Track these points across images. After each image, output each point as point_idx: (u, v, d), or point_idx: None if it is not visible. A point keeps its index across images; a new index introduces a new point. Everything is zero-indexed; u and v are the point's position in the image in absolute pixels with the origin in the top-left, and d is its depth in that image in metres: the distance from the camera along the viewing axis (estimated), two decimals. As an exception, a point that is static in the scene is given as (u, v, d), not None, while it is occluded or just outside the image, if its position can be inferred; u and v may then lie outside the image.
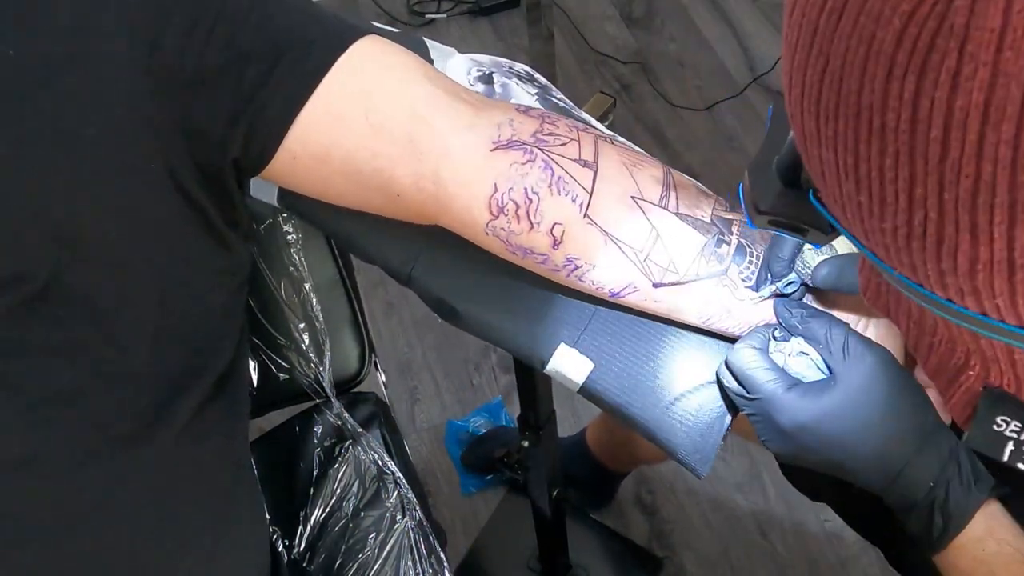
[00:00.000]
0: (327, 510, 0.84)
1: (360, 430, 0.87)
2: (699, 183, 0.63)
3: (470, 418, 1.54)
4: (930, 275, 0.26)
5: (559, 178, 0.54)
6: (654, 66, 2.10)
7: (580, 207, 0.54)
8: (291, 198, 0.66)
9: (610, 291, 0.57)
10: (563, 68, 2.10)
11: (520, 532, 1.34)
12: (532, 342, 0.62)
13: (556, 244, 0.55)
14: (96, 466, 0.57)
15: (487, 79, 0.69)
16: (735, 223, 0.57)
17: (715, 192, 0.62)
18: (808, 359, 0.55)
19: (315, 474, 0.86)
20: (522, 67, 0.73)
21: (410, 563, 0.80)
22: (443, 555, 0.82)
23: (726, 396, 0.60)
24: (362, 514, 0.83)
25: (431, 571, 0.80)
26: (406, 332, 1.67)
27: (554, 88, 0.72)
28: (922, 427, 0.53)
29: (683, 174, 0.61)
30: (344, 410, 0.88)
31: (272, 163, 0.54)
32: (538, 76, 0.72)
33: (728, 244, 0.56)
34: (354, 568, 0.80)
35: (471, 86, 0.69)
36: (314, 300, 0.87)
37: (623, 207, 0.55)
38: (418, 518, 0.83)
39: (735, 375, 0.56)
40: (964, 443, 0.34)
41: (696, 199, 0.57)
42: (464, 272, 0.62)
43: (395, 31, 0.73)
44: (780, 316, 0.56)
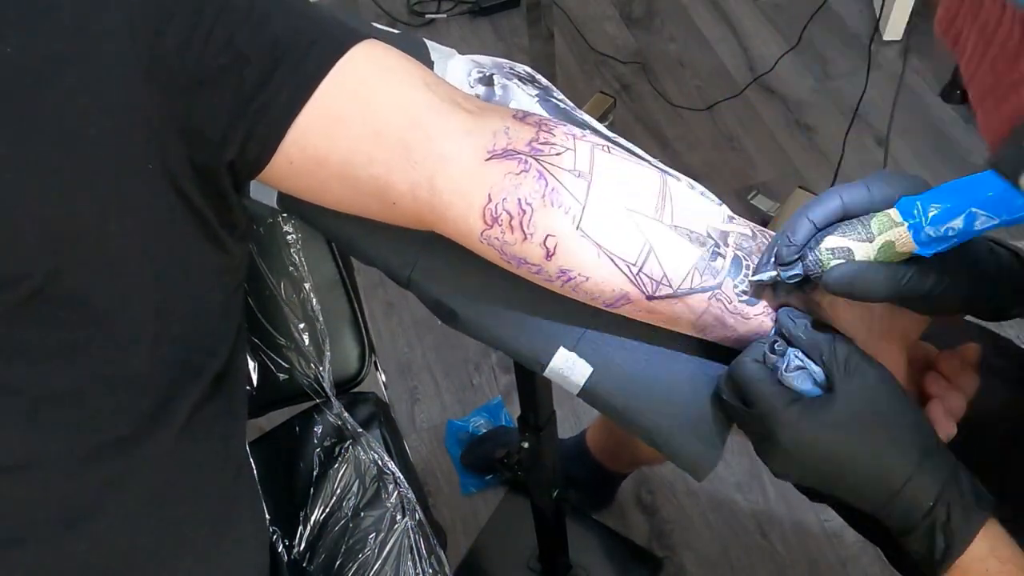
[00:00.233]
0: (327, 510, 0.84)
1: (360, 430, 0.87)
2: (701, 188, 0.62)
3: (470, 418, 1.54)
4: None
5: (553, 189, 0.53)
6: (654, 66, 2.10)
7: (573, 219, 0.54)
8: (290, 200, 0.66)
9: (604, 302, 0.57)
10: (563, 68, 2.10)
11: (520, 532, 1.34)
12: (531, 346, 0.62)
13: (549, 256, 0.54)
14: (95, 467, 0.57)
15: (487, 81, 0.69)
16: (731, 235, 0.57)
17: (716, 193, 0.62)
18: (806, 373, 0.54)
19: (315, 474, 0.86)
20: (523, 68, 0.73)
21: (410, 563, 0.80)
22: (443, 555, 0.82)
23: (722, 407, 0.59)
24: (362, 514, 0.83)
25: (431, 571, 0.80)
26: (406, 332, 1.67)
27: (555, 89, 0.72)
28: (922, 446, 0.52)
29: (680, 182, 0.60)
30: (344, 410, 0.88)
31: (270, 167, 0.54)
32: (539, 77, 0.72)
33: (723, 257, 0.56)
34: (354, 568, 0.80)
35: (471, 88, 0.69)
36: (314, 300, 0.87)
37: (617, 219, 0.54)
38: (418, 518, 0.83)
39: (737, 387, 0.56)
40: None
41: (693, 210, 0.57)
42: (463, 275, 0.62)
43: (395, 31, 0.73)
44: (784, 325, 0.56)
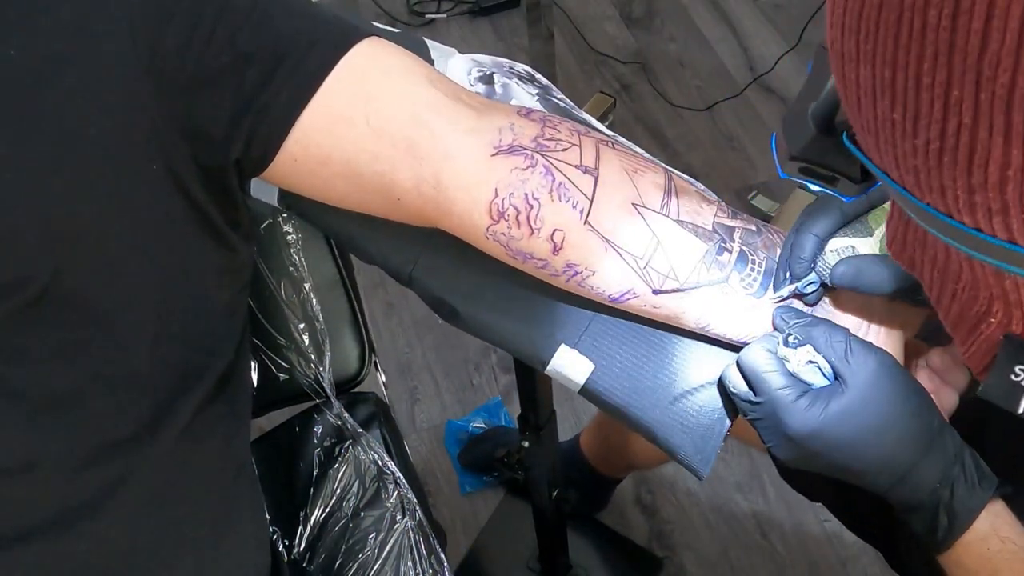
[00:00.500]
0: (327, 510, 0.84)
1: (360, 430, 0.87)
2: (701, 186, 0.62)
3: (469, 418, 1.54)
4: (959, 196, 0.26)
5: (560, 184, 0.54)
6: (654, 66, 2.10)
7: (580, 213, 0.54)
8: (291, 198, 0.66)
9: (609, 296, 0.57)
10: (563, 68, 2.10)
11: (520, 532, 1.34)
12: (533, 343, 0.62)
13: (556, 250, 0.55)
14: (96, 467, 0.57)
15: (488, 79, 0.69)
16: (737, 231, 0.57)
17: (716, 193, 0.62)
18: (815, 367, 0.55)
19: (315, 474, 0.86)
20: (523, 67, 0.73)
21: (410, 563, 0.80)
22: (443, 555, 0.82)
23: (726, 398, 0.59)
24: (362, 514, 0.83)
25: (431, 571, 0.80)
26: (406, 332, 1.67)
27: (555, 88, 0.72)
28: (928, 428, 0.53)
29: (685, 179, 0.60)
30: (344, 410, 0.88)
31: (273, 165, 0.54)
32: (539, 76, 0.72)
33: (729, 252, 0.56)
34: (354, 568, 0.80)
35: (472, 86, 0.69)
36: (314, 300, 0.87)
37: (624, 214, 0.54)
38: (418, 518, 0.83)
39: (746, 377, 0.56)
40: (980, 393, 0.34)
41: (698, 206, 0.57)
42: (465, 273, 0.62)
43: (395, 31, 0.73)
44: (778, 326, 0.56)
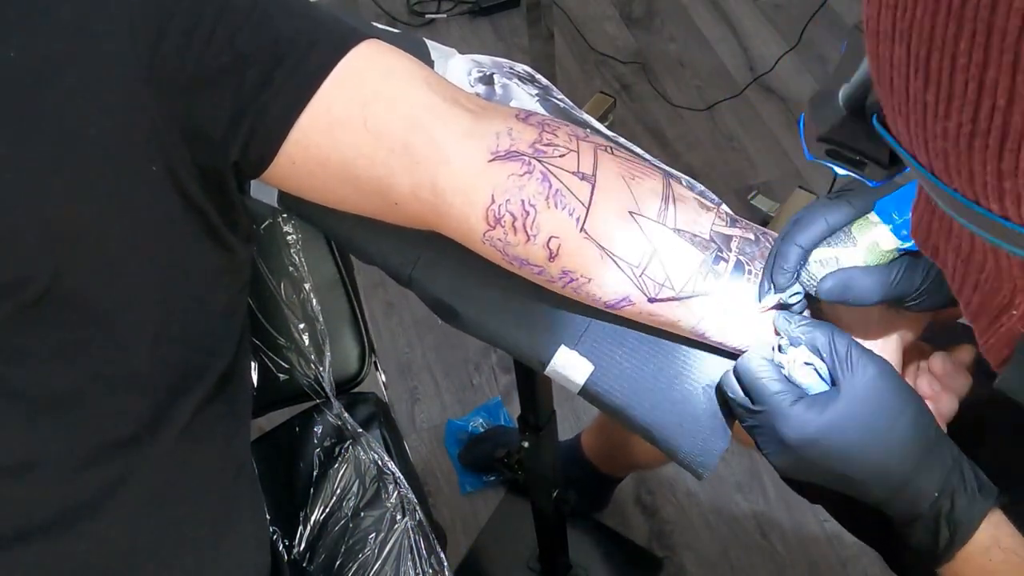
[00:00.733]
0: (327, 510, 0.84)
1: (360, 430, 0.87)
2: (701, 187, 0.62)
3: (469, 418, 1.54)
4: (988, 182, 0.26)
5: (556, 191, 0.53)
6: (654, 66, 2.10)
7: (577, 221, 0.54)
8: (291, 199, 0.66)
9: (605, 303, 0.57)
10: (563, 68, 2.10)
11: (520, 532, 1.34)
12: (532, 344, 0.62)
13: (552, 257, 0.54)
14: (96, 467, 0.57)
15: (488, 80, 0.69)
16: (734, 240, 0.57)
17: (716, 193, 0.62)
18: (811, 369, 0.54)
19: (315, 474, 0.86)
20: (523, 68, 0.73)
21: (410, 563, 0.80)
22: (443, 555, 0.82)
23: (725, 406, 0.59)
24: (362, 514, 0.83)
25: (431, 571, 0.80)
26: (406, 332, 1.67)
27: (555, 89, 0.72)
28: (925, 437, 0.53)
29: (685, 181, 0.60)
30: (344, 410, 0.88)
31: (272, 167, 0.54)
32: (539, 77, 0.72)
33: (726, 261, 0.56)
34: (354, 568, 0.80)
35: (471, 87, 0.69)
36: (314, 300, 0.87)
37: (620, 222, 0.54)
38: (418, 518, 0.83)
39: (743, 384, 0.56)
40: (996, 386, 0.34)
41: (695, 214, 0.56)
42: (464, 274, 0.62)
43: (395, 31, 0.73)
44: (781, 328, 0.56)
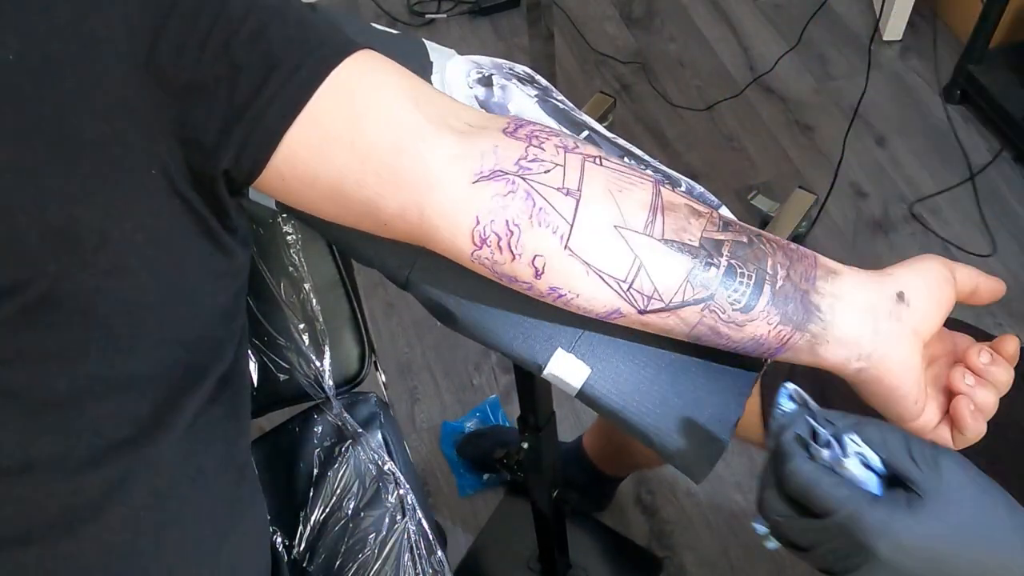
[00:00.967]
0: (327, 510, 0.84)
1: (360, 430, 0.87)
2: (701, 189, 0.62)
3: (465, 420, 1.54)
4: None
5: (540, 209, 0.53)
6: (654, 66, 2.10)
7: (561, 239, 0.54)
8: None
9: (596, 315, 0.57)
10: (563, 68, 2.10)
11: (520, 532, 1.34)
12: (529, 347, 0.62)
13: (538, 275, 0.55)
14: (96, 469, 0.57)
15: (486, 82, 0.70)
16: (726, 244, 0.56)
17: (716, 194, 0.62)
18: (860, 459, 0.48)
19: (315, 474, 0.86)
20: (523, 68, 0.73)
21: (410, 563, 0.80)
22: (443, 555, 0.82)
23: (786, 538, 0.51)
24: (362, 514, 0.83)
25: (431, 571, 0.80)
26: (406, 332, 1.67)
27: (554, 89, 0.72)
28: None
29: (677, 190, 0.60)
30: (344, 410, 0.88)
31: (262, 180, 0.54)
32: (539, 77, 0.72)
33: (716, 267, 0.55)
34: (354, 568, 0.80)
35: (470, 89, 0.69)
36: (314, 300, 0.87)
37: (605, 237, 0.54)
38: (418, 518, 0.83)
39: (799, 498, 0.48)
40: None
41: (685, 221, 0.56)
42: (461, 276, 0.62)
43: (395, 32, 0.73)
44: (822, 434, 0.49)
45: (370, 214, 0.56)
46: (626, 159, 0.68)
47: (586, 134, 0.69)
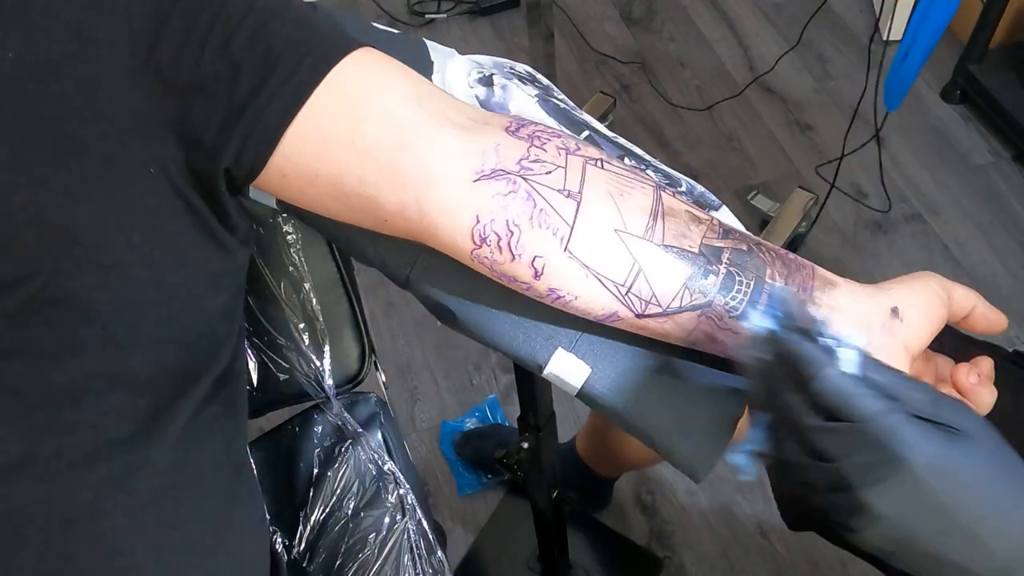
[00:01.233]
0: (327, 510, 0.84)
1: (360, 430, 0.87)
2: (701, 190, 0.62)
3: (464, 419, 1.54)
4: None
5: (541, 210, 0.53)
6: (654, 66, 2.10)
7: (561, 240, 0.54)
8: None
9: (594, 318, 0.57)
10: (563, 68, 2.10)
11: (520, 532, 1.34)
12: (529, 346, 0.62)
13: (538, 275, 0.55)
14: (94, 468, 0.57)
15: (487, 81, 0.70)
16: (726, 251, 0.56)
17: (716, 194, 0.62)
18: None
19: (315, 474, 0.86)
20: (523, 67, 0.73)
21: (410, 563, 0.80)
22: (443, 555, 0.82)
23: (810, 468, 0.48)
24: (362, 514, 0.83)
25: (431, 571, 0.80)
26: (406, 332, 1.67)
27: (555, 89, 0.72)
28: None
29: (678, 195, 0.60)
30: (344, 410, 0.88)
31: (262, 178, 0.54)
32: (540, 77, 0.72)
33: (715, 275, 0.55)
34: (354, 568, 0.80)
35: (471, 88, 0.69)
36: (314, 300, 0.87)
37: (605, 240, 0.54)
38: (418, 518, 0.83)
39: (834, 406, 0.47)
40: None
41: (685, 227, 0.56)
42: (461, 276, 0.62)
43: (395, 32, 0.73)
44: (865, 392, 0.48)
45: (370, 211, 0.55)
46: (627, 159, 0.68)
47: (587, 134, 0.69)
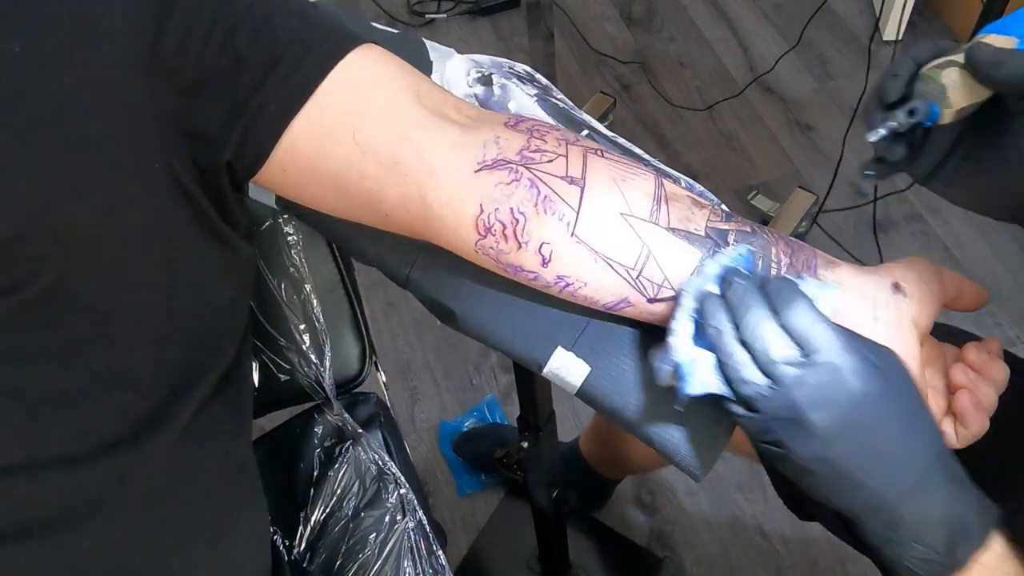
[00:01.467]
0: (327, 510, 0.84)
1: (360, 430, 0.88)
2: (700, 187, 0.62)
3: (463, 420, 1.54)
4: None
5: (545, 197, 0.53)
6: (654, 66, 2.10)
7: (568, 226, 0.53)
8: (289, 201, 0.66)
9: (604, 306, 0.57)
10: (563, 68, 2.10)
11: (520, 532, 1.34)
12: (529, 345, 0.62)
13: (545, 263, 0.54)
14: (97, 466, 0.57)
15: (486, 80, 0.70)
16: (731, 234, 0.56)
17: (716, 194, 0.62)
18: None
19: (315, 474, 0.86)
20: (522, 67, 0.73)
21: (410, 563, 0.80)
22: (443, 555, 0.82)
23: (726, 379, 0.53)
24: (362, 514, 0.83)
25: (431, 571, 0.80)
26: (406, 332, 1.67)
27: (554, 88, 0.72)
28: (940, 446, 0.50)
29: (681, 180, 0.60)
30: (344, 410, 0.88)
31: (263, 172, 0.54)
32: (539, 76, 0.72)
33: (724, 255, 0.55)
34: (354, 568, 0.80)
35: (470, 87, 0.69)
36: (314, 300, 0.87)
37: (612, 224, 0.54)
38: (418, 518, 0.83)
39: (795, 334, 0.49)
40: None
41: (689, 211, 0.56)
42: (462, 275, 0.62)
43: (394, 32, 0.73)
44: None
45: (372, 206, 0.55)
46: (626, 157, 0.68)
47: (586, 133, 0.69)
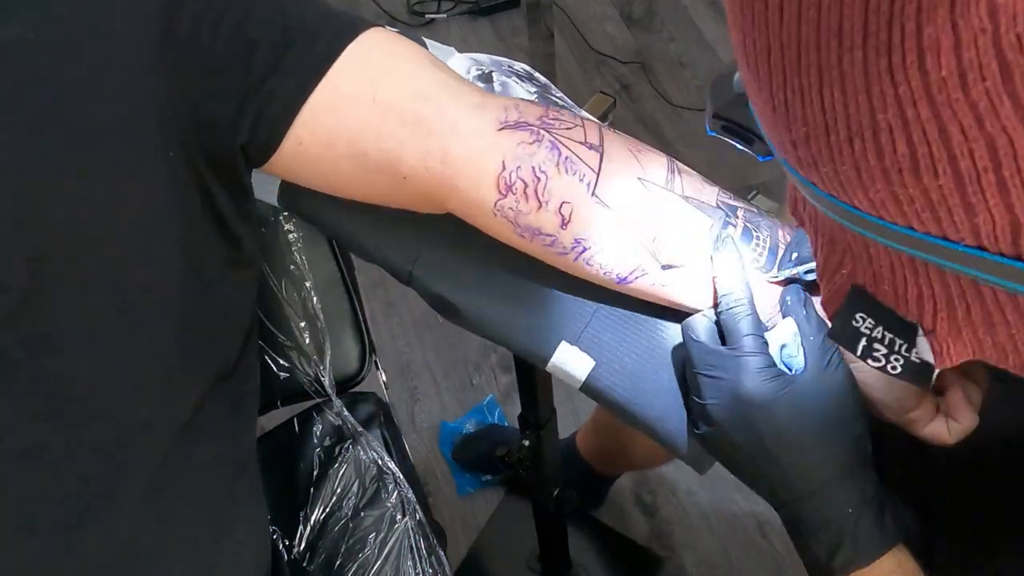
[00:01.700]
0: (327, 510, 0.84)
1: (360, 430, 0.87)
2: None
3: (463, 420, 1.54)
4: (824, 172, 0.27)
5: (566, 158, 0.54)
6: (654, 66, 2.10)
7: (588, 186, 0.54)
8: (291, 197, 0.66)
9: (617, 276, 0.57)
10: (563, 68, 2.10)
11: (520, 532, 1.34)
12: (533, 340, 0.62)
13: (564, 223, 0.55)
14: (98, 463, 0.56)
15: (486, 78, 0.70)
16: (740, 209, 0.58)
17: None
18: (784, 352, 0.54)
19: (315, 474, 0.86)
20: (521, 66, 0.73)
21: (410, 563, 0.80)
22: (443, 555, 0.82)
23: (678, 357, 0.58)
24: (362, 514, 0.83)
25: (431, 571, 0.80)
26: (406, 332, 1.67)
27: (553, 87, 0.72)
28: (862, 454, 0.53)
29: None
30: (344, 409, 0.88)
31: (279, 152, 0.55)
32: (538, 75, 0.72)
33: (735, 227, 0.57)
34: (354, 568, 0.80)
35: (471, 85, 0.69)
36: (315, 299, 0.87)
37: (631, 188, 0.55)
38: (418, 518, 0.83)
39: (722, 316, 0.55)
40: (828, 335, 0.38)
41: (701, 184, 0.58)
42: (465, 270, 0.62)
43: (395, 32, 0.73)
44: (789, 306, 0.56)
45: (389, 169, 0.55)
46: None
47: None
